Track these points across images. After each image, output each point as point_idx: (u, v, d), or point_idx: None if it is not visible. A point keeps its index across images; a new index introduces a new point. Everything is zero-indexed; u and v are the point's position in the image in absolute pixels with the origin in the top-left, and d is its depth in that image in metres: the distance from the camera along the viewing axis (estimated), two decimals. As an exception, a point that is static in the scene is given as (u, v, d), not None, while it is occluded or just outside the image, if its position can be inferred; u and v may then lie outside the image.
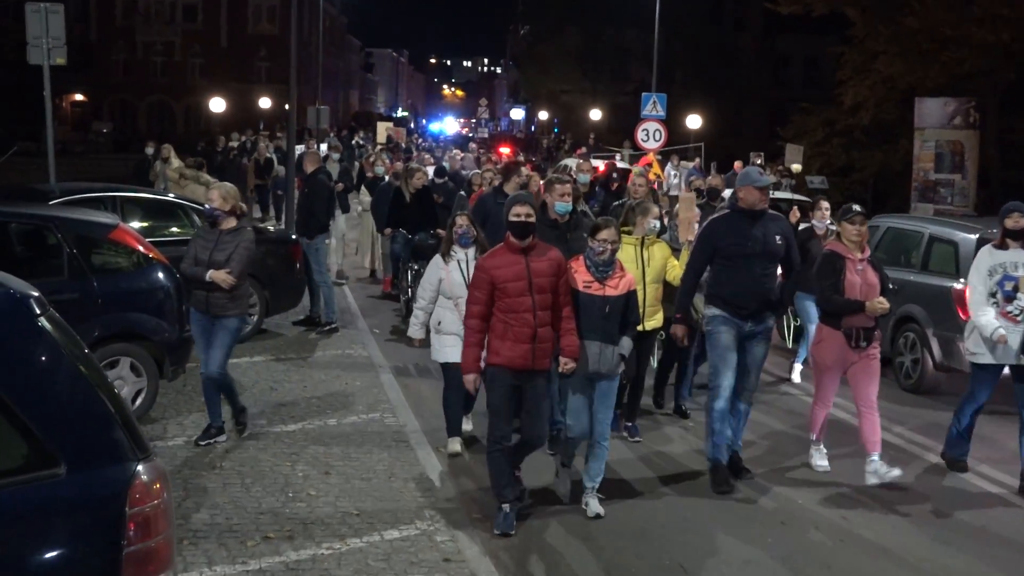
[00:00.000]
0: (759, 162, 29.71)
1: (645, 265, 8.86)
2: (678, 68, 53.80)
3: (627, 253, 8.58)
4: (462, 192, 16.46)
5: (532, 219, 7.21)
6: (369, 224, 18.27)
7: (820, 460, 8.91)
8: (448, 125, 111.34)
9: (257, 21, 77.33)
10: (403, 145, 43.29)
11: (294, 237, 14.11)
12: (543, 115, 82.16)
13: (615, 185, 17.25)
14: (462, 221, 8.81)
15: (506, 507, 7.21)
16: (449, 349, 8.60)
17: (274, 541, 6.77)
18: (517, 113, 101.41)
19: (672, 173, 29.44)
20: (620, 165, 25.25)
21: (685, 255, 9.13)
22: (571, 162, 32.54)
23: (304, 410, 9.92)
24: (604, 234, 7.42)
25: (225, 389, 8.88)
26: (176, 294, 9.64)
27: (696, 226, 9.62)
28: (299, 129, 26.61)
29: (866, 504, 8.14)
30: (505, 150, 49.49)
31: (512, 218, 7.19)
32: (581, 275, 7.41)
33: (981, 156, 26.68)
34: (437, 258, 8.84)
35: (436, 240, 14.32)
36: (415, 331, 8.99)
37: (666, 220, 11.10)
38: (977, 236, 11.27)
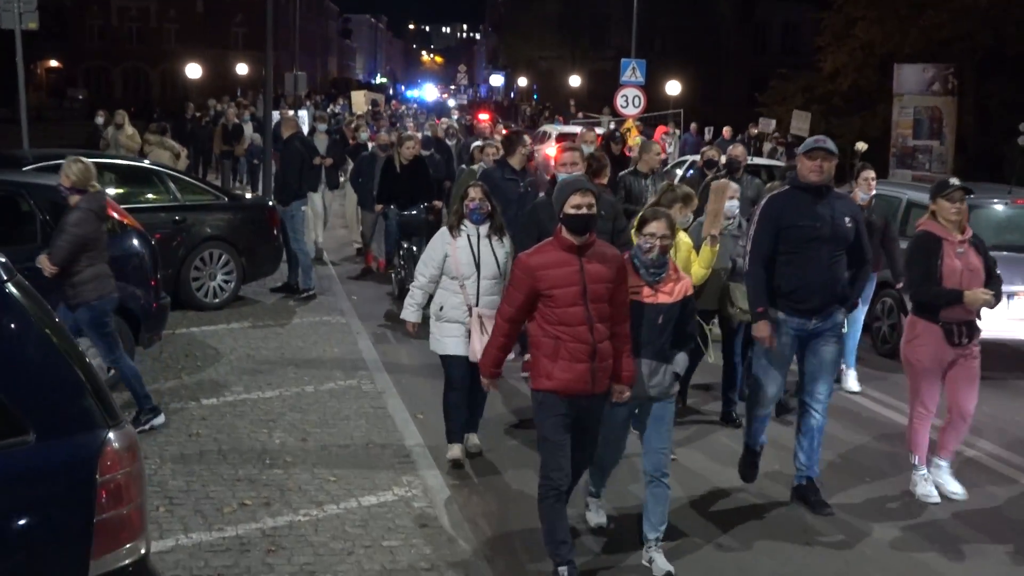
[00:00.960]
0: (755, 131, 28.92)
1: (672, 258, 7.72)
2: (657, 35, 53.64)
3: None
4: (464, 166, 15.31)
5: (595, 210, 5.85)
6: (354, 196, 16.92)
7: (926, 488, 7.51)
8: (427, 92, 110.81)
9: (233, -14, 76.58)
10: (383, 112, 42.68)
11: (271, 204, 14.02)
12: (522, 81, 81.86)
13: (620, 148, 15.39)
14: (475, 194, 7.66)
15: (563, 570, 5.83)
16: (451, 340, 7.64)
17: (251, 507, 6.75)
18: (496, 79, 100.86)
19: (668, 140, 28.77)
20: (600, 131, 24.31)
21: (707, 252, 8.00)
22: (551, 128, 32.54)
23: (281, 377, 9.87)
24: (653, 227, 6.09)
25: (125, 378, 8.22)
26: (151, 261, 9.58)
27: (723, 219, 8.36)
28: (275, 95, 26.35)
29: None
30: (484, 116, 49.18)
31: (570, 210, 5.76)
32: (628, 279, 6.07)
33: (959, 122, 26.74)
34: (444, 232, 7.75)
35: (430, 215, 13.64)
36: (410, 313, 7.79)
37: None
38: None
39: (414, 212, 13.64)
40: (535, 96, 75.66)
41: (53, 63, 72.71)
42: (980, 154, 28.20)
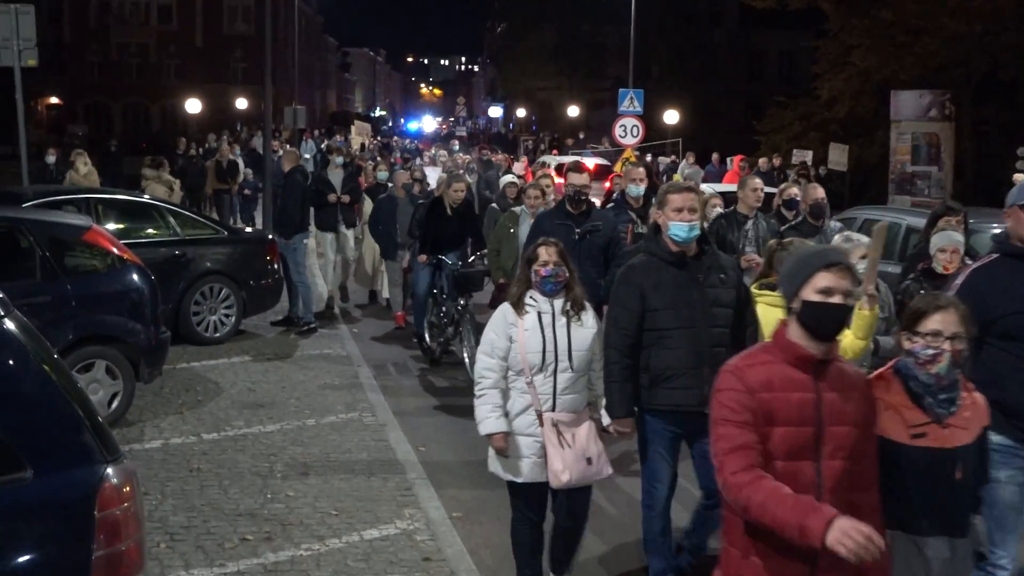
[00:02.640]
0: (778, 162, 26.71)
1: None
2: (654, 64, 53.87)
3: (773, 319, 4.98)
4: (494, 205, 13.34)
5: (852, 301, 3.68)
6: (372, 242, 14.85)
7: None
8: (426, 124, 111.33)
9: (232, 21, 76.91)
10: (394, 145, 41.90)
11: (271, 237, 14.01)
12: (521, 112, 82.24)
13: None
14: (547, 255, 5.66)
15: None
16: (522, 462, 5.65)
17: (252, 542, 6.71)
18: (495, 111, 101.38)
19: (686, 171, 27.33)
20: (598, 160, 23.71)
21: (866, 318, 5.67)
22: (550, 159, 32.58)
23: (282, 411, 9.84)
24: (937, 321, 3.92)
25: None
26: (151, 296, 9.58)
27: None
28: (274, 129, 26.38)
29: None
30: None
31: (815, 296, 3.59)
32: (902, 412, 3.95)
33: (957, 148, 26.83)
34: (505, 310, 5.73)
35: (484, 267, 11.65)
36: (491, 423, 5.61)
37: None
38: (954, 226, 11.28)
39: (470, 263, 11.95)
40: (534, 127, 75.94)
41: (53, 99, 72.97)
42: (979, 179, 28.26)
